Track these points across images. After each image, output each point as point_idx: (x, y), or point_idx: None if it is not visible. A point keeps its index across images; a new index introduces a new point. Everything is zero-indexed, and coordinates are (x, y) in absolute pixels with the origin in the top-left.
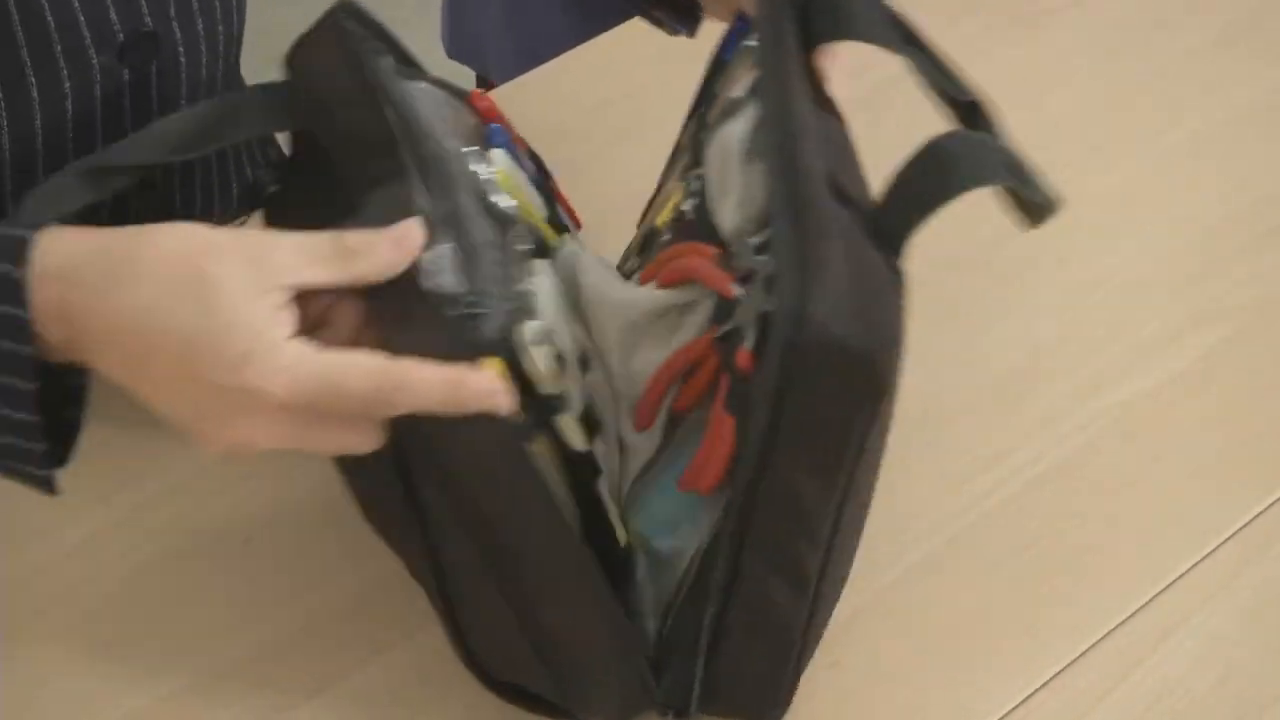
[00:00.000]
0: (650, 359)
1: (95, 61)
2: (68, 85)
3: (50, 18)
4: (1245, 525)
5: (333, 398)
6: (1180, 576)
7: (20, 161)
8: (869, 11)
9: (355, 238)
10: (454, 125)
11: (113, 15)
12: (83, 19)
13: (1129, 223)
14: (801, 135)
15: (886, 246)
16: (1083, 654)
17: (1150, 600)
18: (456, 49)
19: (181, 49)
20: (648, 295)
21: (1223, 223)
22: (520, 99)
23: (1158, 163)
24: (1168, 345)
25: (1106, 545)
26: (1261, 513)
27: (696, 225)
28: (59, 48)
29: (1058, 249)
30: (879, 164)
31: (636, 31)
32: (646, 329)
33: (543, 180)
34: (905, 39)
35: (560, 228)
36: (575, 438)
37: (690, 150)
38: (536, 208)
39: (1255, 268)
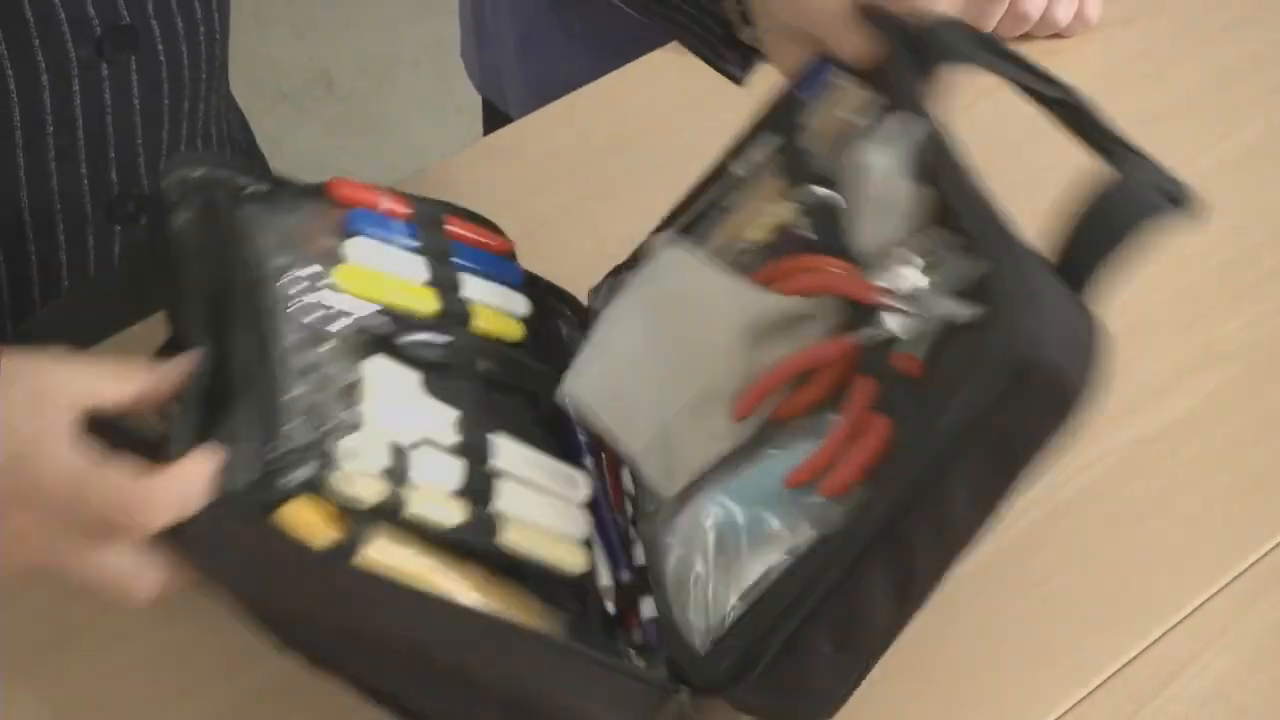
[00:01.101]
0: (762, 361)
1: (73, 55)
2: (45, 78)
3: (29, 11)
4: (1254, 564)
5: (80, 504)
6: (1188, 615)
7: None
8: (962, 38)
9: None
10: (303, 235)
11: (90, 9)
12: (61, 13)
13: (1143, 255)
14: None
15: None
16: (1088, 694)
17: (1158, 639)
18: (483, 81)
19: (161, 45)
20: (774, 301)
21: (1234, 259)
22: (535, 133)
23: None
24: (1178, 383)
25: (1114, 583)
26: (1269, 551)
27: (818, 242)
28: (36, 41)
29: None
30: None
31: (651, 68)
32: (765, 332)
33: (432, 238)
34: (1000, 55)
35: (451, 281)
36: (435, 516)
37: (787, 173)
38: (410, 278)
39: (1267, 305)
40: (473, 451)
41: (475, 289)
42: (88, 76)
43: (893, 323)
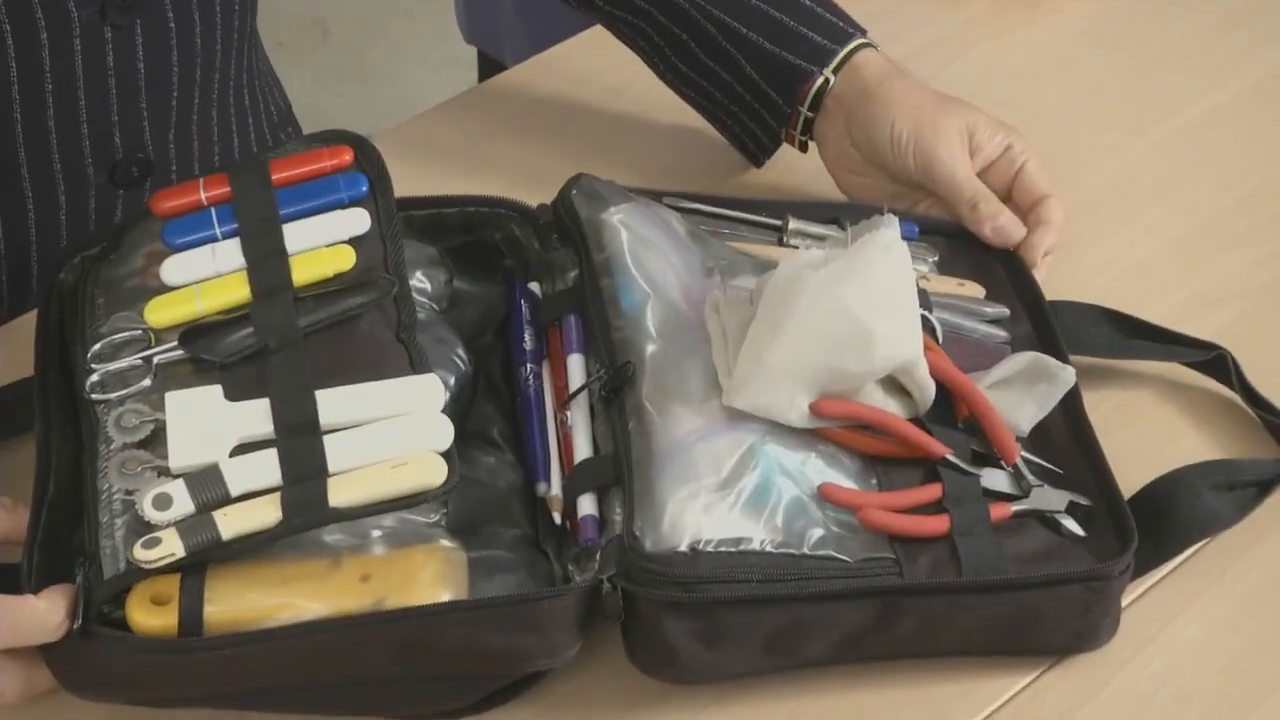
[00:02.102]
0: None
1: (75, 15)
2: (45, 37)
3: None
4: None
5: None
6: (1184, 561)
7: None
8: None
9: None
10: (133, 284)
11: None
12: None
13: (1136, 207)
14: None
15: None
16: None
17: (1155, 584)
18: (472, 33)
19: (171, 11)
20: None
21: (1230, 207)
22: (532, 80)
23: (1164, 147)
24: (1208, 313)
25: None
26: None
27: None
28: (37, 0)
29: (1080, 228)
30: None
31: None
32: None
33: (253, 205)
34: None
35: (270, 246)
36: (254, 524)
37: None
38: (222, 270)
39: (1261, 251)
40: (295, 428)
41: (297, 237)
42: (90, 38)
43: (998, 478)
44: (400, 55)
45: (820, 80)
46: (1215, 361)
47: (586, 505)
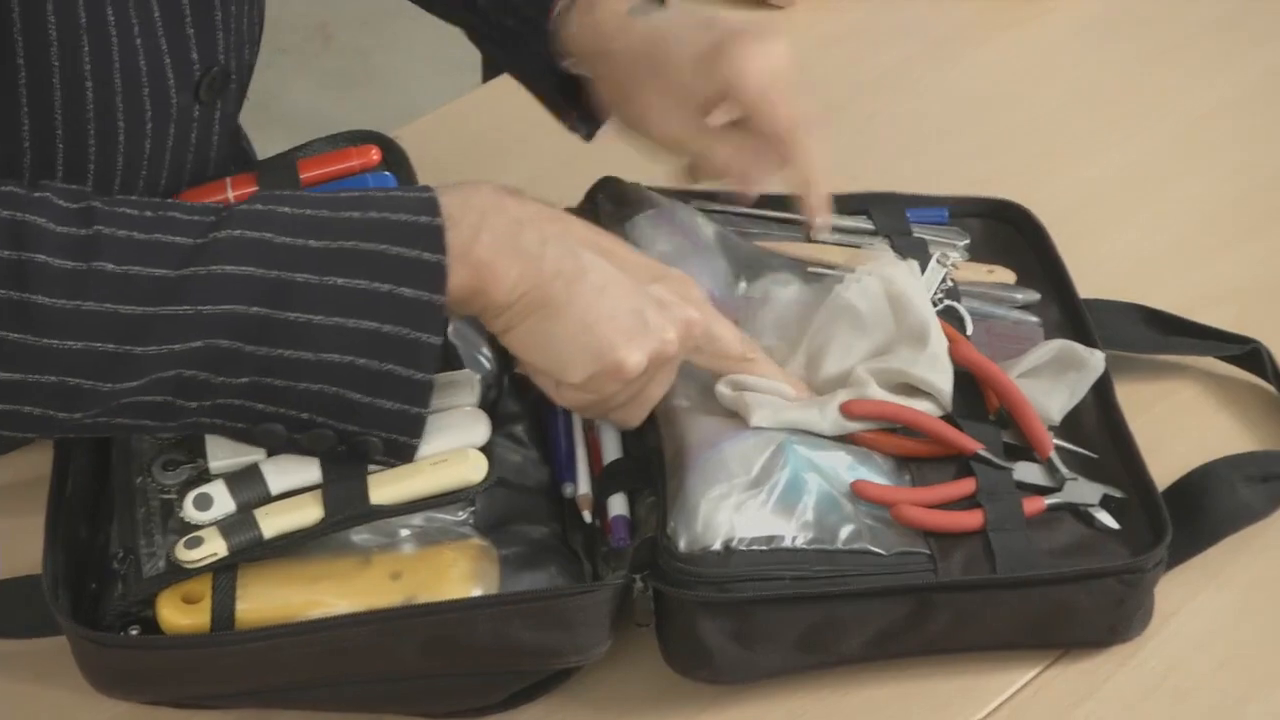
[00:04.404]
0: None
1: None
2: None
3: None
4: None
5: None
6: None
7: None
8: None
9: None
10: None
11: None
12: None
13: (1136, 203)
14: None
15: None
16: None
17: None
18: None
19: None
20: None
21: (1231, 202)
22: (505, 94)
23: (1164, 143)
24: (1213, 309)
25: None
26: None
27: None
28: None
29: (1066, 228)
30: None
31: None
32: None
33: None
34: None
35: None
36: (296, 523)
37: None
38: None
39: (1264, 247)
40: None
41: None
42: None
43: (1031, 471)
44: (404, 58)
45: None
46: (1250, 354)
47: (618, 505)
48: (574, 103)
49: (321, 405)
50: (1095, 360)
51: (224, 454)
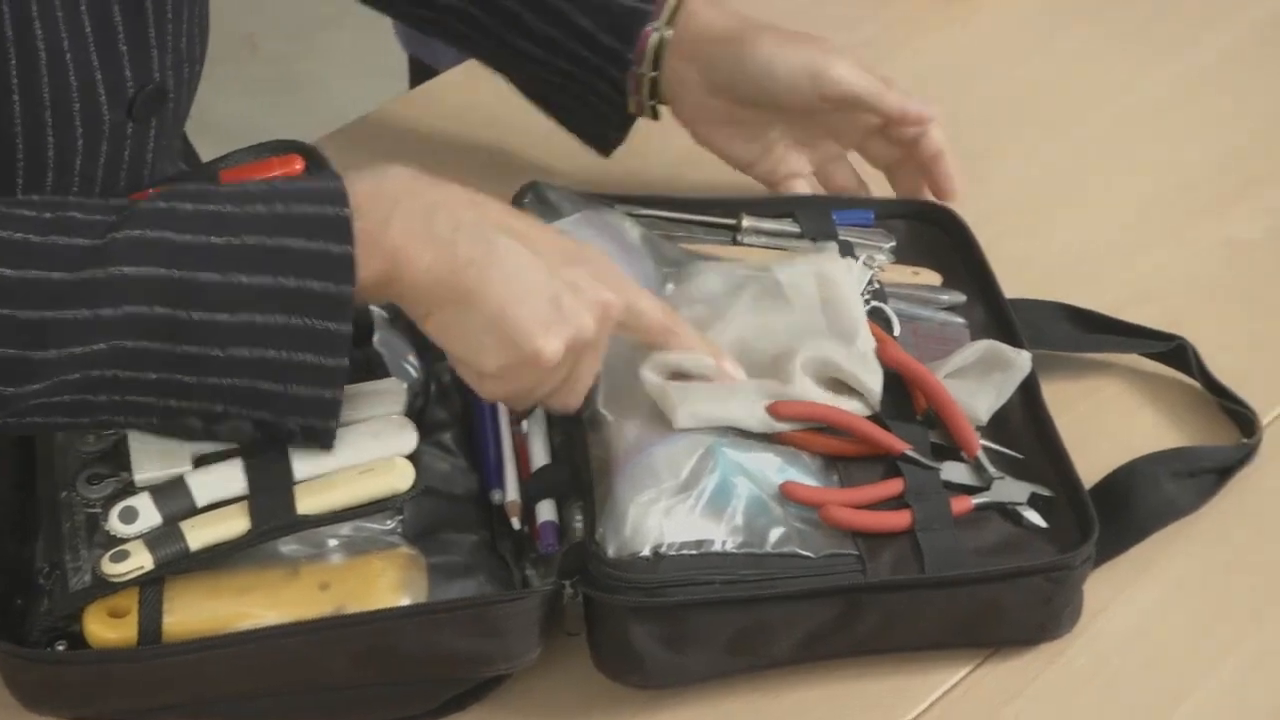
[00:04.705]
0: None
1: None
2: None
3: None
4: None
5: None
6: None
7: None
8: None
9: None
10: None
11: None
12: None
13: (1068, 201)
14: None
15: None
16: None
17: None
18: (406, 38)
19: None
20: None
21: (1164, 197)
22: (466, 84)
23: (1094, 140)
24: (1140, 307)
25: None
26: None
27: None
28: None
29: (992, 228)
30: None
31: None
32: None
33: None
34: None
35: None
36: (222, 535)
37: None
38: None
39: (1198, 242)
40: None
41: None
42: None
43: (959, 471)
44: (330, 65)
45: (656, 36)
46: (1175, 351)
47: (546, 511)
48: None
49: (235, 397)
50: (1021, 360)
51: (149, 466)
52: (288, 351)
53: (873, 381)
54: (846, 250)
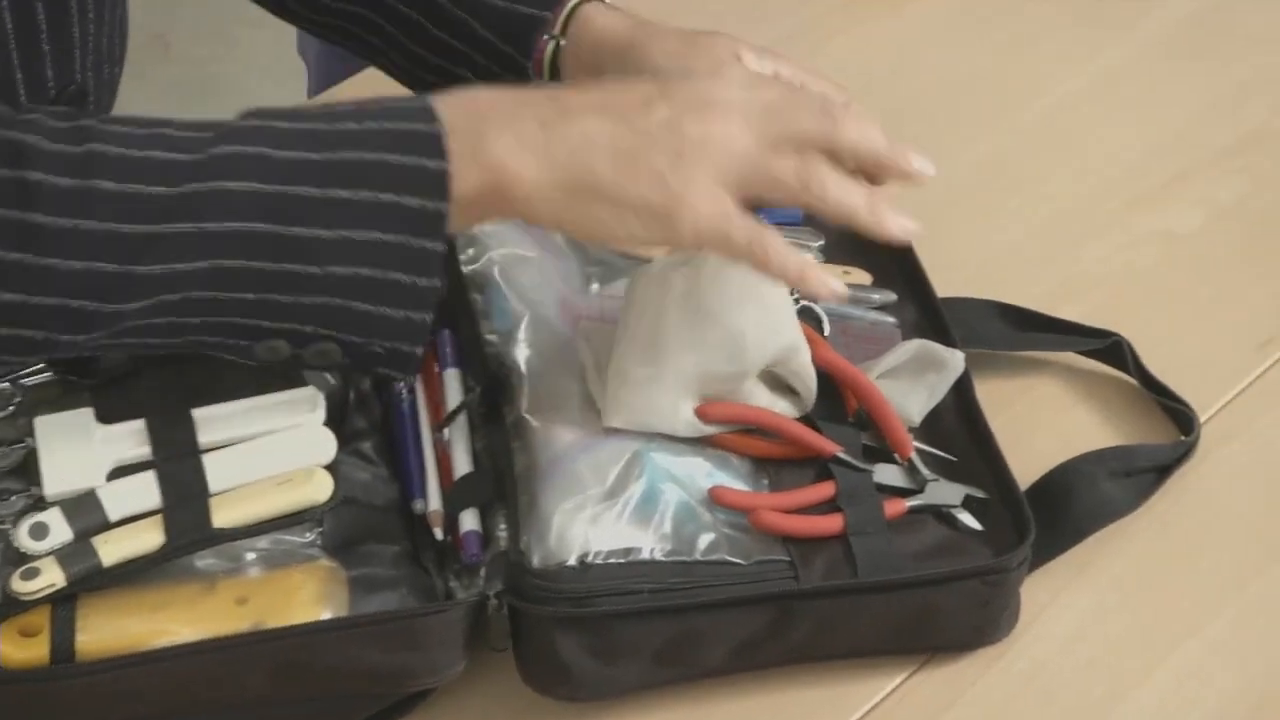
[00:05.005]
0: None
1: None
2: None
3: None
4: None
5: None
6: None
7: None
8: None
9: None
10: None
11: None
12: None
13: (998, 196)
14: None
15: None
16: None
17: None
18: (300, 44)
19: None
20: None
21: (1092, 192)
22: (373, 87)
23: (1022, 135)
24: (1075, 303)
25: None
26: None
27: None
28: None
29: (922, 225)
30: None
31: None
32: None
33: None
34: None
35: None
36: (136, 549)
37: None
38: None
39: (1127, 236)
40: (172, 448)
41: None
42: None
43: (891, 473)
44: (246, 68)
45: (551, 45)
46: (1111, 348)
47: (469, 521)
48: None
49: (327, 317)
50: (954, 360)
51: (60, 480)
52: (382, 270)
53: (809, 373)
54: None
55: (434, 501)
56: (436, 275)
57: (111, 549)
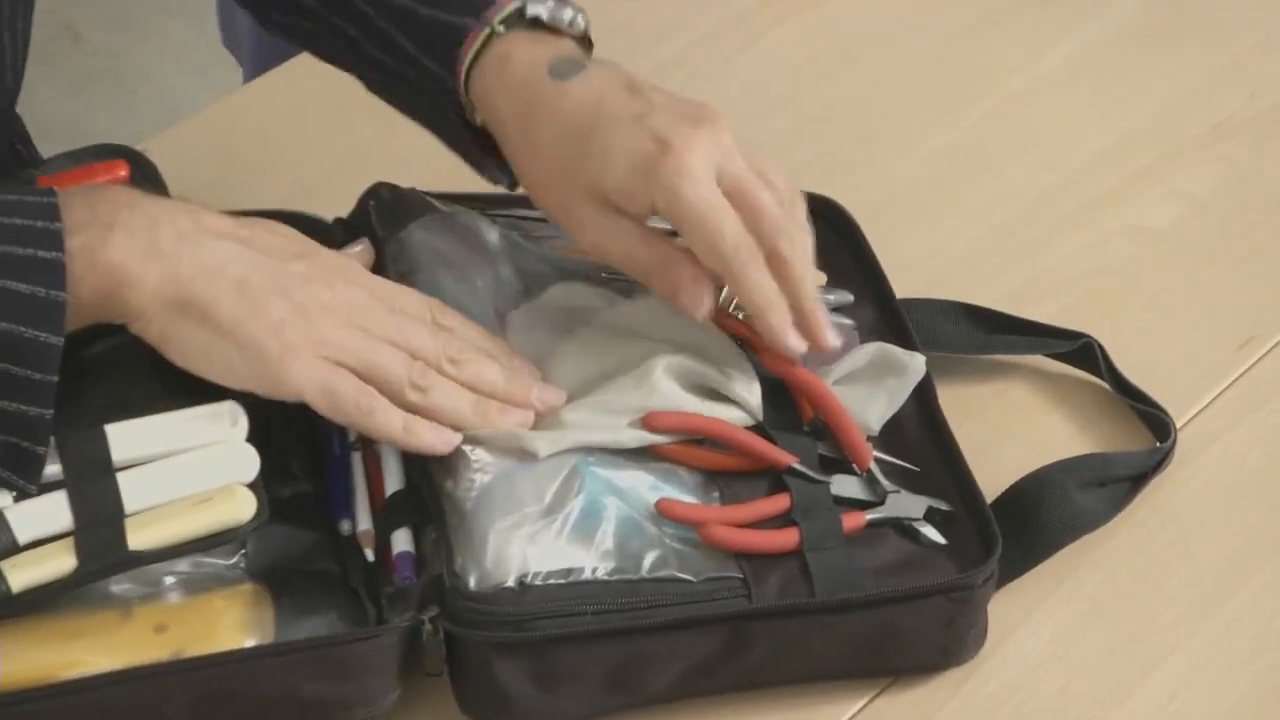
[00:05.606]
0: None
1: None
2: None
3: None
4: None
5: None
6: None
7: None
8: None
9: None
10: None
11: None
12: None
13: (956, 193)
14: None
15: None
16: None
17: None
18: (226, 37)
19: None
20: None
21: (1055, 187)
22: (305, 78)
23: (981, 127)
24: (1042, 303)
25: None
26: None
27: None
28: None
29: (879, 223)
30: None
31: None
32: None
33: None
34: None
35: None
36: (48, 574)
37: None
38: None
39: (1092, 233)
40: (84, 466)
41: None
42: None
43: (850, 485)
44: (162, 59)
45: (464, 70)
46: (1082, 350)
47: (401, 541)
48: (492, 152)
49: None
50: (915, 364)
51: None
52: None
53: (745, 390)
54: None
55: (364, 521)
56: (52, 370)
57: (20, 574)
